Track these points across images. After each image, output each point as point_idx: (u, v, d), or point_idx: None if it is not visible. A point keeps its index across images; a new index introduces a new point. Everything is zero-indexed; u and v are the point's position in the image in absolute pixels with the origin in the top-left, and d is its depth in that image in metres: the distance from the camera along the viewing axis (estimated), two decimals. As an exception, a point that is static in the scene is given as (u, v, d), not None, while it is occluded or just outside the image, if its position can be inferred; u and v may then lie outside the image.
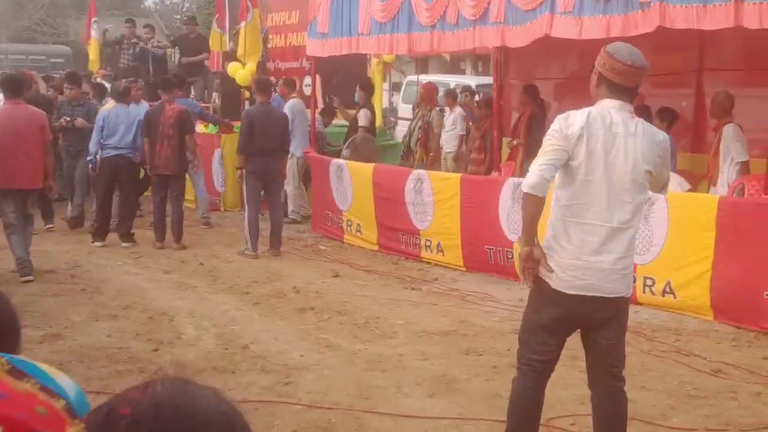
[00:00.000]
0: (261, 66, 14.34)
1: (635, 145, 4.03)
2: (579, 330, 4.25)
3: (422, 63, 23.37)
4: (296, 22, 14.44)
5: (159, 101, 11.01)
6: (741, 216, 7.20)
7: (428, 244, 9.73)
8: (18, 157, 8.85)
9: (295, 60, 14.89)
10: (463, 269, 9.29)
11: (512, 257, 8.73)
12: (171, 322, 7.45)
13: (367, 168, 10.64)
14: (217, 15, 17.59)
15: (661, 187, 4.32)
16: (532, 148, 9.37)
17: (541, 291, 4.15)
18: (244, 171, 10.26)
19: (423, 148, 12.31)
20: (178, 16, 52.01)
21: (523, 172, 9.35)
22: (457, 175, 9.95)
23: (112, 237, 10.79)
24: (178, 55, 17.63)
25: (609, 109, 4.06)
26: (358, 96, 12.71)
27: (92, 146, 10.79)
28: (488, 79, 17.46)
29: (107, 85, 13.98)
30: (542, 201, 4.04)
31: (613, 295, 4.09)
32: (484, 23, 8.93)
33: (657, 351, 6.63)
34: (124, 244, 10.63)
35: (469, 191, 9.25)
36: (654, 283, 7.64)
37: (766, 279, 6.98)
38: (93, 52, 17.73)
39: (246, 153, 10.18)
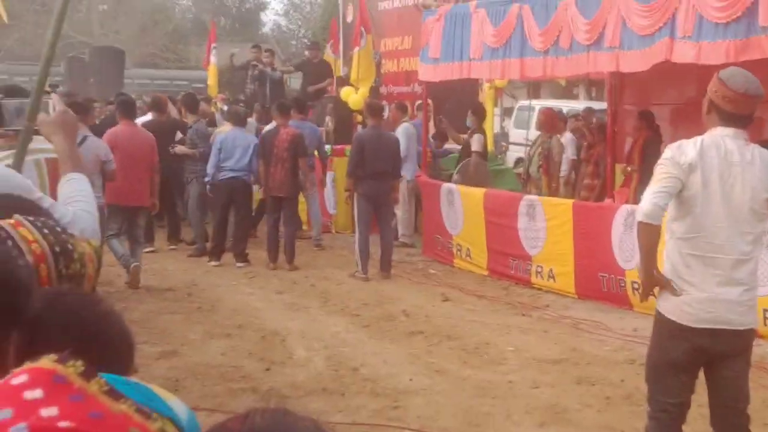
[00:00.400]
0: (374, 91, 14.50)
1: (752, 173, 3.91)
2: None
3: (534, 88, 23.24)
4: (409, 47, 14.57)
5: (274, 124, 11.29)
6: None
7: (539, 270, 9.63)
8: (130, 177, 9.37)
9: (407, 85, 15.01)
10: (575, 296, 9.15)
11: (625, 285, 8.56)
12: (283, 342, 7.57)
13: (478, 193, 10.62)
14: (332, 40, 17.94)
15: None
16: (646, 175, 9.16)
17: (664, 328, 4.04)
18: (354, 193, 10.39)
19: (546, 175, 12.10)
20: (294, 42, 53.14)
21: (637, 199, 9.17)
22: (570, 201, 9.83)
23: (227, 257, 11.05)
24: (296, 79, 17.84)
25: (723, 138, 3.94)
26: (469, 121, 12.71)
27: (210, 168, 11.07)
28: (602, 105, 17.20)
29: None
30: (658, 229, 3.94)
31: (740, 327, 3.96)
32: (599, 48, 8.83)
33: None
34: (238, 264, 10.88)
35: (582, 217, 9.12)
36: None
37: None
38: (212, 78, 18.25)
39: (355, 176, 10.29)
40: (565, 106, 20.16)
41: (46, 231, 1.75)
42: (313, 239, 12.25)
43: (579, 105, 20.75)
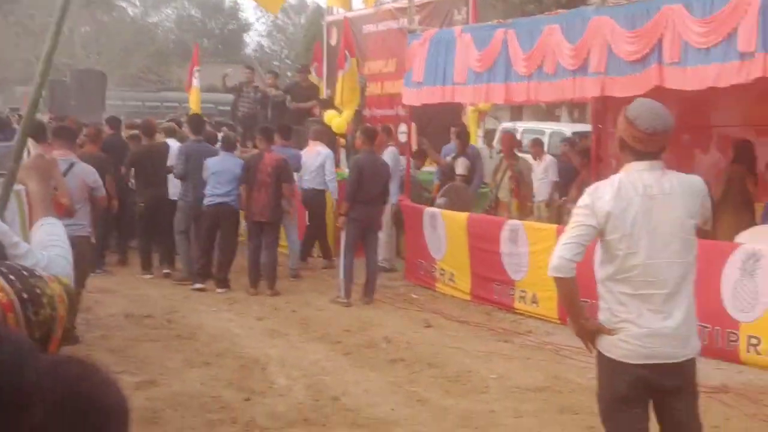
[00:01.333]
0: (357, 114, 14.45)
1: (674, 203, 3.88)
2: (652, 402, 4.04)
3: (516, 110, 23.29)
4: (393, 71, 14.59)
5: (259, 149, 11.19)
6: None
7: (523, 295, 9.57)
8: None
9: (390, 107, 15.01)
10: (558, 322, 9.08)
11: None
12: (263, 370, 7.46)
13: (461, 217, 10.56)
14: (315, 63, 17.92)
15: (704, 223, 4.09)
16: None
17: (606, 366, 4.01)
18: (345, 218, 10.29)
19: (518, 198, 12.03)
20: (277, 62, 53.28)
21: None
22: (554, 226, 9.77)
23: (208, 283, 10.91)
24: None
25: (639, 173, 3.90)
26: (453, 144, 12.68)
27: (207, 191, 10.86)
28: (584, 126, 17.25)
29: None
30: (571, 280, 3.95)
31: (678, 360, 3.91)
32: (584, 73, 8.81)
33: (763, 415, 6.32)
34: (219, 290, 10.75)
35: (566, 243, 9.05)
36: (760, 342, 7.31)
37: None
38: (194, 101, 18.10)
39: (351, 201, 10.21)
40: (549, 128, 20.18)
41: (12, 277, 1.69)
42: (290, 269, 11.80)
43: (563, 127, 20.80)
